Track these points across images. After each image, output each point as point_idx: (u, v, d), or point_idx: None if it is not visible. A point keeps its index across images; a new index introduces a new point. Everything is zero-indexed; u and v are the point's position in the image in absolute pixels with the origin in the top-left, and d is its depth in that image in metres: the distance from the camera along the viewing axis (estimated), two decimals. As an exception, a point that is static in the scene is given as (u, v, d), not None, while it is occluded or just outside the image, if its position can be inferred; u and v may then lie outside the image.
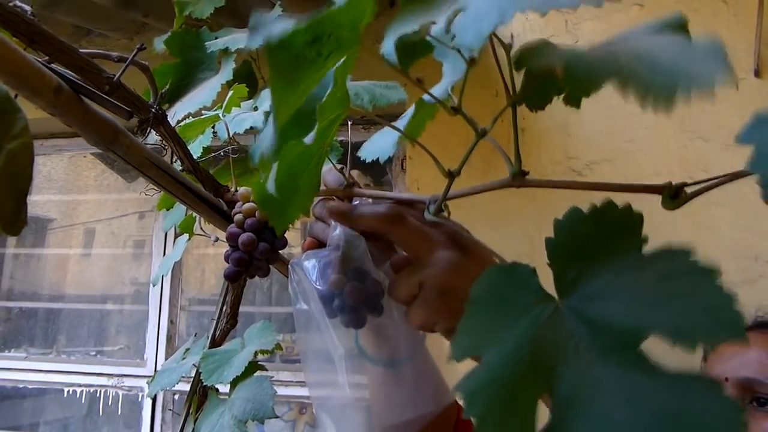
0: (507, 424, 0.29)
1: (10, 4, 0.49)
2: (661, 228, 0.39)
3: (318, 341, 0.58)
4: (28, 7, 0.49)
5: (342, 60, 0.39)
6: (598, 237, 0.36)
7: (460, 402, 0.32)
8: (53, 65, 0.49)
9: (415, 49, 0.38)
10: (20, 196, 0.28)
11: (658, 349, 0.31)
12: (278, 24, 0.33)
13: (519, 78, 0.42)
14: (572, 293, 0.35)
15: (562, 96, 0.44)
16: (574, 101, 0.44)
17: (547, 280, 0.38)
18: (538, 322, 0.34)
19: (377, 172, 2.07)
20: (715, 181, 0.37)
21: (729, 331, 0.28)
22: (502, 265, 0.38)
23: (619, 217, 0.36)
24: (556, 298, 0.35)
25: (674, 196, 0.38)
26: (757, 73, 1.65)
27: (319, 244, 0.58)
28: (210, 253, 2.53)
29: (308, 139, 0.42)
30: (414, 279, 0.50)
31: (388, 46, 0.36)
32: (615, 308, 0.32)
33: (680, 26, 0.42)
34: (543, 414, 0.30)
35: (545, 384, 0.31)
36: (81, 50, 0.53)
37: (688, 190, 0.37)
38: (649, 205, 0.39)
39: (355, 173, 0.63)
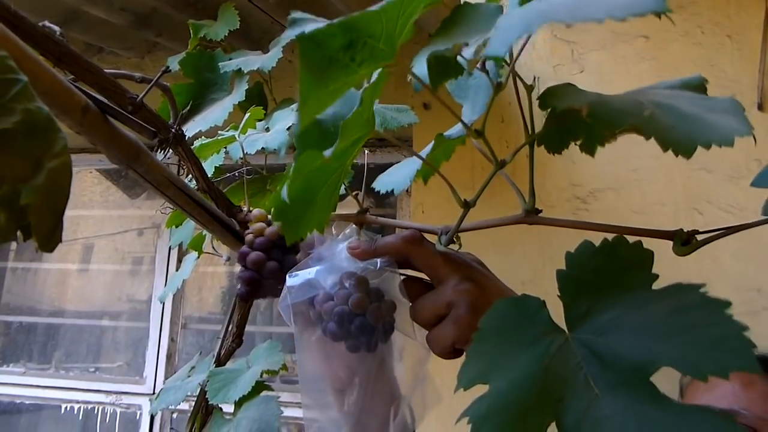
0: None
1: (40, 24, 0.50)
2: (664, 258, 0.39)
3: (312, 361, 0.59)
4: (57, 28, 0.51)
5: (374, 76, 0.40)
6: (609, 271, 0.37)
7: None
8: (77, 84, 0.50)
9: (446, 68, 0.40)
10: (58, 214, 0.29)
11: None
12: (314, 22, 0.34)
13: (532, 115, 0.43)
14: (582, 326, 0.35)
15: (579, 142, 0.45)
16: (589, 149, 0.46)
17: (551, 307, 0.38)
18: (547, 353, 0.34)
19: (380, 193, 2.08)
20: (724, 230, 0.38)
21: (740, 362, 0.29)
22: (512, 297, 0.38)
23: (630, 252, 0.37)
24: (566, 330, 0.36)
25: (685, 242, 0.39)
26: (761, 107, 1.67)
27: None
28: (209, 271, 2.53)
29: (328, 152, 0.43)
30: (441, 299, 0.50)
31: (420, 64, 0.37)
32: (624, 342, 0.33)
33: (699, 86, 0.44)
34: None
35: (552, 414, 0.31)
36: (105, 70, 0.54)
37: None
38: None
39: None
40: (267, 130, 0.98)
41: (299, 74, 0.36)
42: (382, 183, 0.62)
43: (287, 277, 0.56)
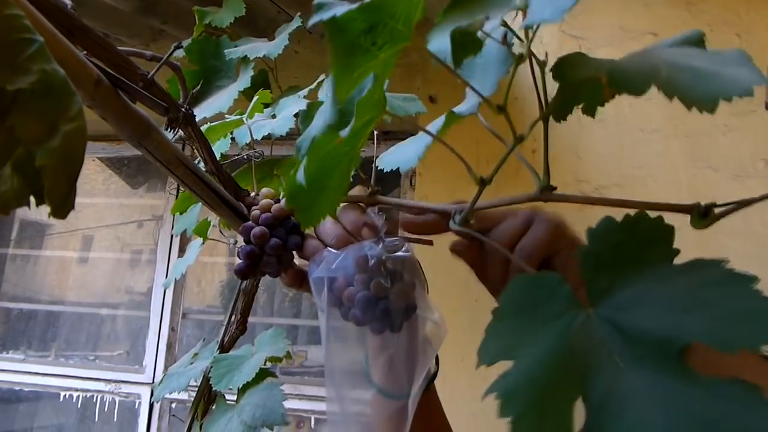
0: (543, 424, 0.29)
1: (51, -2, 0.50)
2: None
3: (346, 355, 0.59)
4: (68, 1, 0.50)
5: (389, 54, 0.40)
6: (630, 247, 0.36)
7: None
8: (90, 59, 0.50)
9: (468, 44, 0.39)
10: (72, 179, 0.29)
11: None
12: (340, 6, 0.34)
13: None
14: (604, 302, 0.35)
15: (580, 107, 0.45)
16: (590, 111, 0.46)
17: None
18: (570, 329, 0.34)
19: (383, 186, 2.08)
20: (745, 202, 0.37)
21: None
22: (531, 274, 0.38)
23: (651, 228, 0.36)
24: (587, 306, 0.36)
25: (704, 215, 0.39)
26: (768, 106, 1.66)
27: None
28: (209, 261, 2.53)
29: (344, 132, 0.43)
30: (517, 220, 0.51)
31: (438, 42, 0.37)
32: (648, 317, 0.33)
33: (698, 41, 0.43)
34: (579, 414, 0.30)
35: (578, 389, 0.31)
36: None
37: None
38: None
39: (357, 188, 0.63)
40: (273, 116, 0.97)
41: (331, 62, 0.36)
42: (386, 162, 0.61)
43: (310, 263, 0.56)
